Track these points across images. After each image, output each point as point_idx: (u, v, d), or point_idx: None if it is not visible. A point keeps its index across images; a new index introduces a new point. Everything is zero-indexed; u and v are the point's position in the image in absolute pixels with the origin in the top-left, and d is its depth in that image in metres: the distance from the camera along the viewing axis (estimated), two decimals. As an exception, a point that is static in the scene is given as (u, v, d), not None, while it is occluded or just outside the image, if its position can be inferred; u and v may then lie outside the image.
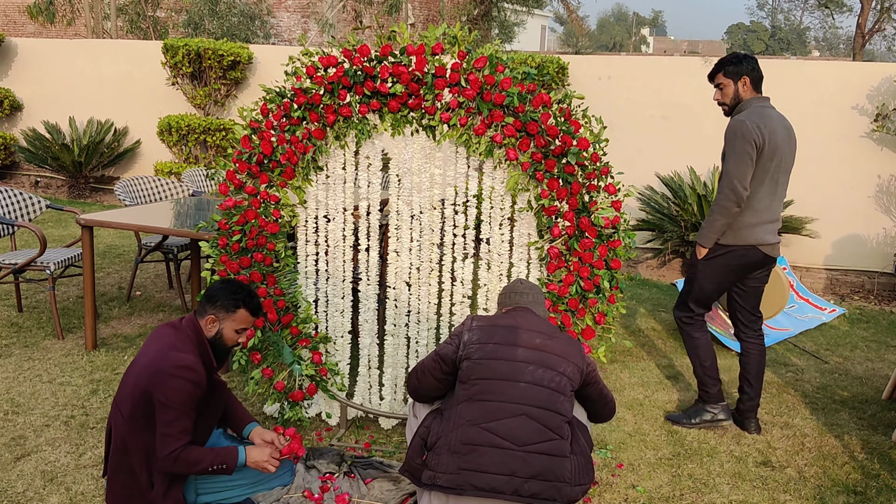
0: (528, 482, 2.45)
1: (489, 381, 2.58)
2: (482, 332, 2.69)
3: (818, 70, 6.98)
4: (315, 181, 3.51)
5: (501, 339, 2.66)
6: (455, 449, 2.51)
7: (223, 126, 8.66)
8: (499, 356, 2.61)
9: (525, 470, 2.46)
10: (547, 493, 2.46)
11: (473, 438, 2.51)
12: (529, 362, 2.61)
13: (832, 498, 3.21)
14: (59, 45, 10.00)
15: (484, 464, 2.47)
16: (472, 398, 2.58)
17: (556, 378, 2.61)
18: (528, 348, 2.63)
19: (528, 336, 2.67)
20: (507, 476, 2.46)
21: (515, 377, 2.58)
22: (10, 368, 4.15)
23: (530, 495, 2.45)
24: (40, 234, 4.48)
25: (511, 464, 2.46)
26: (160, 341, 2.73)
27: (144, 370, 2.64)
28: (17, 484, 3.03)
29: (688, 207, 6.85)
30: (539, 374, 2.59)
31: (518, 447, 2.48)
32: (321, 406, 3.68)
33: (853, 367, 4.82)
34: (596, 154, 3.23)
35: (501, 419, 2.52)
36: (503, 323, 2.72)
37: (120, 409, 2.70)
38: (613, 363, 4.72)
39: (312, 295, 3.64)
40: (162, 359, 2.63)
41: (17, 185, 10.11)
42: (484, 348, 2.64)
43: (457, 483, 2.47)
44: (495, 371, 2.59)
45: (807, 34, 57.47)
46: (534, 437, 2.50)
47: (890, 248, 6.80)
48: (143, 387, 2.62)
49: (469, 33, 3.26)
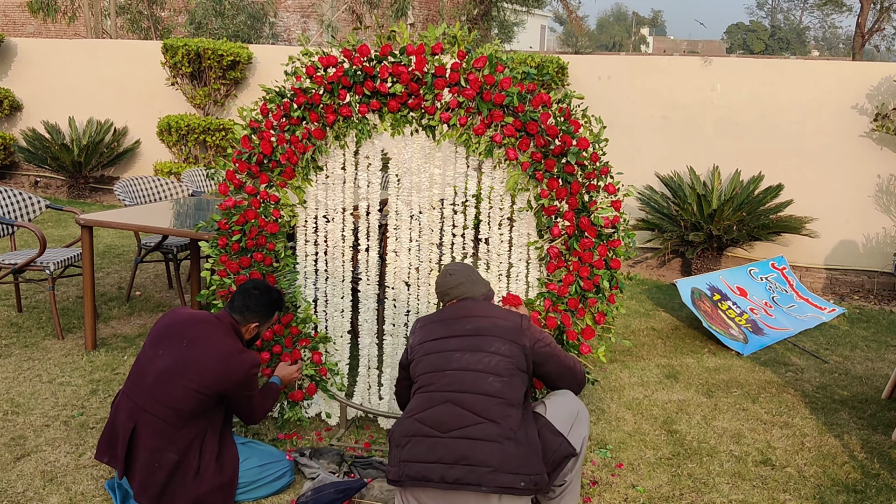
0: (452, 468, 2.46)
1: (424, 376, 2.69)
2: (422, 333, 2.83)
3: (818, 70, 6.98)
4: (315, 181, 3.51)
5: (437, 333, 2.78)
6: (398, 443, 2.60)
7: (223, 126, 8.66)
8: (433, 350, 2.73)
9: (449, 456, 2.48)
10: (468, 477, 2.43)
11: (408, 430, 2.59)
12: (459, 349, 2.68)
13: (832, 497, 3.21)
14: (58, 44, 10.00)
15: (415, 453, 2.52)
16: (416, 393, 2.70)
17: (486, 359, 2.62)
18: (459, 336, 2.72)
19: (459, 324, 2.76)
20: (434, 463, 2.48)
21: (443, 366, 2.66)
22: (10, 368, 4.15)
23: (454, 481, 2.44)
24: (40, 234, 4.48)
25: (437, 451, 2.49)
26: (219, 342, 2.86)
27: (218, 375, 2.78)
28: (17, 484, 3.03)
29: (687, 207, 6.85)
30: (466, 359, 2.64)
31: (442, 434, 2.52)
32: (321, 406, 3.68)
33: (853, 367, 4.82)
34: (595, 154, 3.23)
35: (430, 408, 2.59)
36: (440, 318, 2.84)
37: (173, 407, 2.73)
38: (613, 363, 4.72)
39: (312, 295, 3.64)
40: (237, 364, 2.83)
41: (16, 185, 10.11)
42: (423, 346, 2.77)
43: (398, 475, 2.53)
44: (428, 365, 2.70)
45: (806, 34, 57.49)
46: (457, 422, 2.52)
47: (890, 248, 6.80)
48: (221, 388, 2.80)
49: (469, 33, 3.26)
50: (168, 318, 2.95)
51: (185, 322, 2.89)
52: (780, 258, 6.57)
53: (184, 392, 2.73)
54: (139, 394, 2.77)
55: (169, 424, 2.73)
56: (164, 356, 2.80)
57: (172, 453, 2.72)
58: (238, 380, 2.82)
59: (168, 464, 2.72)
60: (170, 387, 2.74)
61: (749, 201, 6.80)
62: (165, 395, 2.73)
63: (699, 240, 6.66)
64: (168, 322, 2.92)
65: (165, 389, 2.74)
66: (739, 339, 5.12)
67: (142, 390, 2.77)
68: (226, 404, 2.92)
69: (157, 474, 2.72)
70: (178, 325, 2.89)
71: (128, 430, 2.75)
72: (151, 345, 2.87)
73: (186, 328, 2.87)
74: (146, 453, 2.73)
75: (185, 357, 2.78)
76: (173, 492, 2.74)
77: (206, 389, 2.75)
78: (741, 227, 6.66)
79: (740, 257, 7.17)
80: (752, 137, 7.12)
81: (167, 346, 2.83)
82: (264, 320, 3.06)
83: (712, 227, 6.62)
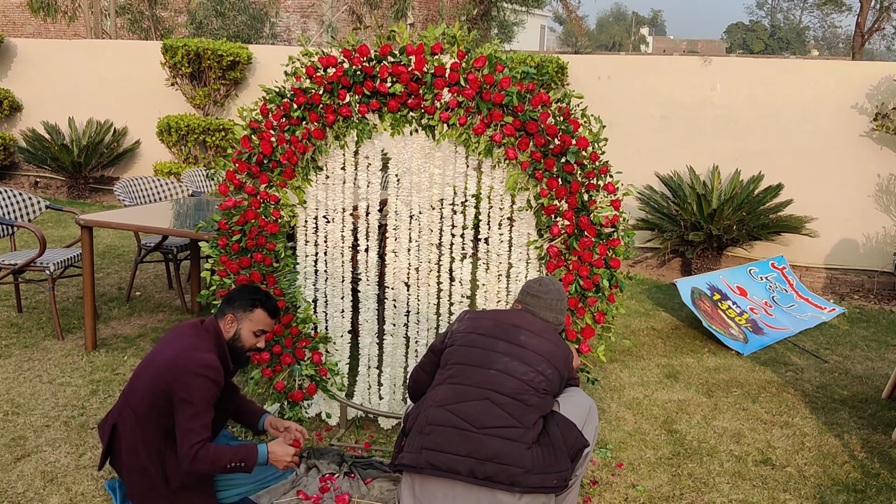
0: (483, 464, 2.45)
1: (461, 367, 2.64)
2: (470, 322, 2.77)
3: (818, 69, 6.98)
4: (315, 181, 3.51)
5: (486, 330, 2.72)
6: (421, 429, 2.56)
7: (223, 126, 8.66)
8: (477, 344, 2.68)
9: (481, 452, 2.47)
10: (501, 476, 2.44)
11: (436, 419, 2.55)
12: (506, 354, 2.65)
13: (832, 497, 3.21)
14: (58, 45, 10.00)
15: (442, 443, 2.50)
16: (444, 381, 2.65)
17: (530, 373, 2.62)
18: (509, 342, 2.68)
19: (514, 332, 2.72)
20: (464, 457, 2.47)
21: (487, 364, 2.62)
22: (10, 369, 4.15)
23: (485, 477, 2.44)
24: (40, 234, 4.48)
25: (468, 445, 2.48)
26: (180, 340, 2.72)
27: (165, 369, 2.63)
28: (17, 484, 3.03)
29: (687, 207, 6.85)
30: (512, 366, 2.62)
31: (476, 429, 2.50)
32: (321, 406, 3.68)
33: (853, 367, 4.82)
34: (595, 153, 3.23)
35: (465, 401, 2.56)
36: (496, 317, 2.78)
37: (133, 408, 2.69)
38: (613, 363, 4.72)
39: (312, 295, 3.64)
40: (185, 358, 2.62)
41: (16, 186, 10.11)
42: (467, 336, 2.72)
43: (417, 461, 2.50)
44: (469, 357, 2.65)
45: (806, 33, 57.52)
46: (493, 421, 2.52)
47: (890, 248, 6.80)
48: (164, 385, 2.61)
49: (468, 33, 3.26)
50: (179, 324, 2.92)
51: (176, 327, 2.87)
52: (779, 258, 6.57)
53: (140, 390, 2.67)
54: (124, 393, 2.79)
55: (136, 426, 2.69)
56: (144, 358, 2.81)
57: (141, 457, 2.68)
58: (181, 374, 2.58)
59: (138, 467, 2.69)
60: (135, 387, 2.72)
61: (749, 201, 6.80)
62: (131, 397, 2.72)
63: (699, 239, 6.66)
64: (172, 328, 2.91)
65: (131, 390, 2.73)
66: (739, 338, 5.12)
67: (125, 390, 2.78)
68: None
69: (133, 476, 2.71)
70: (170, 330, 2.87)
71: (109, 425, 2.77)
72: None
73: (171, 331, 2.84)
74: (124, 454, 2.73)
75: (152, 357, 2.75)
76: (149, 494, 2.71)
77: (154, 386, 2.62)
78: (741, 226, 6.66)
79: (740, 257, 7.17)
80: (752, 137, 7.12)
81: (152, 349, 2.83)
82: (240, 313, 2.83)
83: (712, 226, 6.62)
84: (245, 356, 2.89)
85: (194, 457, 2.55)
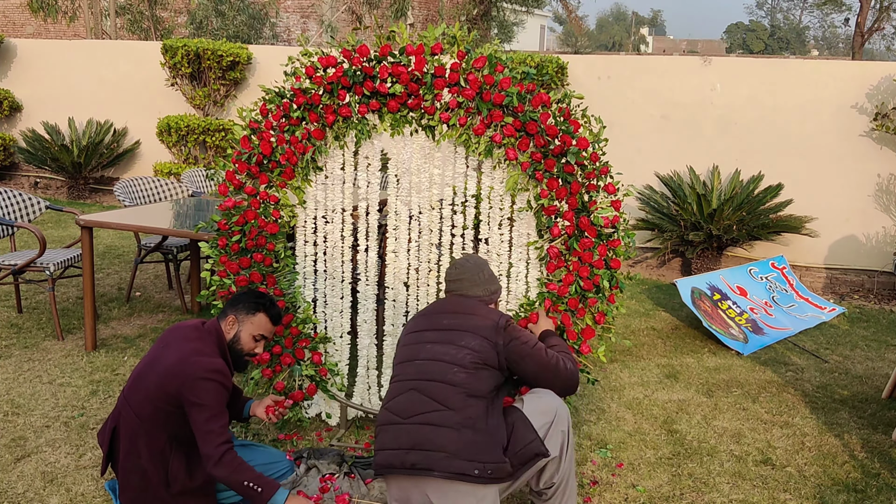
0: (409, 453, 2.46)
1: (399, 366, 2.74)
2: (409, 326, 2.87)
3: (817, 69, 6.98)
4: (314, 181, 3.51)
5: (417, 326, 2.82)
6: (375, 434, 2.64)
7: (222, 126, 8.66)
8: (409, 342, 2.77)
9: (407, 441, 2.49)
10: (424, 462, 2.42)
11: (380, 420, 2.64)
12: (431, 341, 2.71)
13: (832, 497, 3.21)
14: (58, 45, 10.00)
15: (385, 441, 2.56)
16: (391, 381, 2.74)
17: (453, 351, 2.63)
18: (435, 330, 2.75)
19: (437, 318, 2.79)
20: (395, 450, 2.50)
21: (414, 356, 2.70)
22: (10, 369, 4.15)
23: (410, 466, 2.44)
24: (40, 234, 4.48)
25: (400, 438, 2.52)
26: (184, 344, 2.70)
27: (172, 373, 2.61)
28: (17, 485, 3.03)
29: (687, 207, 6.85)
30: (436, 350, 2.66)
31: (404, 420, 2.55)
32: (321, 406, 3.68)
33: (853, 366, 4.82)
34: (595, 153, 3.23)
35: (396, 397, 2.63)
36: (425, 312, 2.88)
37: (135, 410, 2.68)
38: (613, 363, 4.72)
39: (311, 295, 3.64)
40: (192, 363, 2.60)
41: (16, 186, 10.11)
42: (405, 338, 2.82)
43: (375, 465, 2.56)
44: (402, 355, 2.75)
45: (806, 33, 57.52)
46: (417, 408, 2.54)
47: (889, 247, 6.80)
48: (171, 389, 2.60)
49: (468, 33, 3.26)
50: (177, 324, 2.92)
51: (177, 328, 2.85)
52: (779, 258, 6.57)
53: (144, 393, 2.66)
54: (124, 395, 2.78)
55: (137, 428, 2.68)
56: (144, 358, 2.80)
57: (144, 461, 2.67)
58: (187, 379, 2.56)
59: (138, 469, 2.69)
60: (136, 390, 2.70)
61: (749, 201, 6.80)
62: (133, 399, 2.71)
63: (699, 239, 6.66)
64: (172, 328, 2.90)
65: (133, 392, 2.72)
66: (739, 338, 5.12)
67: (124, 391, 2.78)
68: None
69: (130, 477, 2.71)
70: (170, 331, 2.86)
71: (109, 428, 2.77)
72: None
73: (172, 332, 2.82)
74: (122, 455, 2.72)
75: (153, 358, 2.73)
76: (145, 497, 2.70)
77: (160, 390, 2.61)
78: (741, 226, 6.66)
79: (740, 257, 7.17)
80: (752, 137, 7.12)
81: (151, 349, 2.82)
82: (243, 315, 2.83)
83: (712, 226, 6.62)
84: (243, 360, 2.88)
85: (220, 459, 2.51)
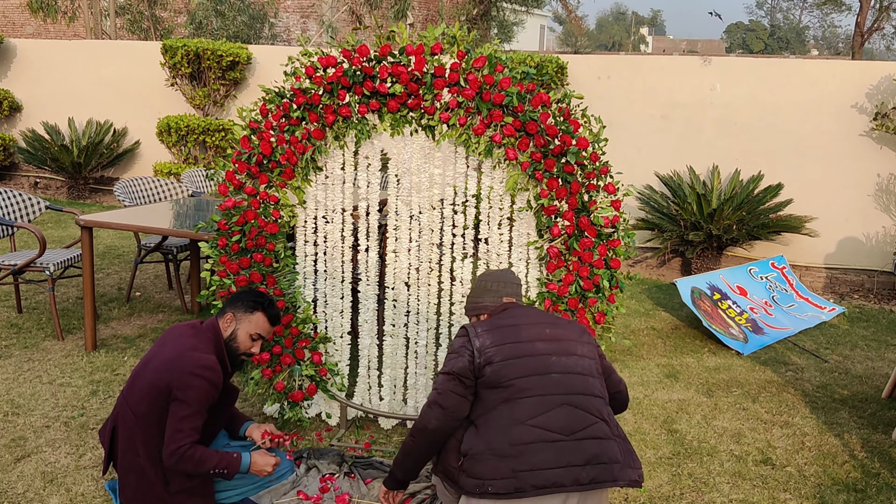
0: (584, 469, 2.42)
1: (523, 379, 2.53)
2: (492, 336, 2.63)
3: (817, 69, 6.98)
4: (314, 181, 3.51)
5: (515, 337, 2.63)
6: (504, 453, 2.44)
7: (222, 126, 8.65)
8: (521, 353, 2.57)
9: (579, 458, 2.43)
10: (603, 475, 2.42)
11: (522, 438, 2.45)
12: (551, 353, 2.58)
13: (832, 496, 3.21)
14: (58, 45, 9.99)
15: (539, 461, 2.42)
16: (508, 399, 2.53)
17: (581, 361, 2.60)
18: (543, 340, 2.62)
19: (535, 329, 2.65)
20: (564, 468, 2.42)
21: (546, 370, 2.56)
22: (10, 369, 4.14)
23: (590, 481, 2.41)
24: (40, 235, 4.48)
25: (565, 455, 2.43)
26: (180, 340, 2.72)
27: (164, 368, 2.64)
28: (17, 485, 3.03)
29: (687, 207, 6.85)
30: (565, 363, 2.58)
31: (567, 437, 2.45)
32: (321, 406, 3.68)
33: (853, 366, 4.82)
34: (595, 153, 3.23)
35: (545, 413, 2.48)
36: (508, 322, 2.69)
37: (132, 408, 2.69)
38: (613, 363, 4.72)
39: (311, 295, 3.64)
40: (184, 357, 2.64)
41: (16, 186, 10.11)
42: (503, 350, 2.59)
43: (514, 487, 2.41)
44: (525, 368, 2.55)
45: (806, 33, 57.54)
46: (579, 423, 2.48)
47: (889, 247, 6.80)
48: (163, 384, 2.62)
49: (468, 33, 3.26)
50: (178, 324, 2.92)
51: (175, 327, 2.86)
52: (779, 257, 6.57)
53: (139, 390, 2.67)
54: (123, 394, 2.78)
55: (134, 426, 2.69)
56: (143, 358, 2.80)
57: (143, 459, 2.68)
58: (180, 374, 2.60)
59: (136, 468, 2.69)
60: (134, 386, 2.72)
61: (749, 201, 6.80)
62: (130, 397, 2.72)
63: (699, 239, 6.66)
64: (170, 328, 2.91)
65: (131, 389, 2.73)
66: (739, 338, 5.12)
67: (124, 390, 2.78)
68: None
69: (128, 476, 2.71)
70: (169, 330, 2.87)
71: (109, 428, 2.77)
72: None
73: (171, 332, 2.83)
74: (121, 454, 2.73)
75: (150, 357, 2.75)
76: (143, 495, 2.70)
77: (153, 386, 2.63)
78: (741, 226, 6.66)
79: (740, 256, 7.17)
80: (752, 137, 7.12)
81: (150, 349, 2.83)
82: (241, 313, 2.84)
83: (712, 226, 6.62)
84: (239, 358, 2.87)
85: (180, 457, 2.57)
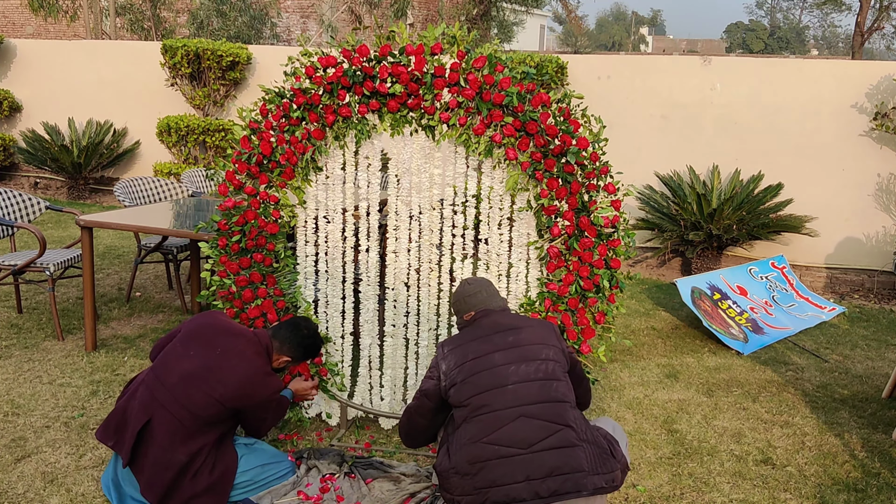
0: (544, 481, 2.40)
1: (478, 396, 2.56)
2: (455, 356, 2.69)
3: (817, 69, 6.98)
4: (314, 181, 3.51)
5: (475, 352, 2.66)
6: (464, 471, 2.48)
7: (222, 127, 8.66)
8: (479, 369, 2.61)
9: (539, 471, 2.41)
10: (565, 487, 2.40)
11: (479, 455, 2.47)
12: (510, 363, 2.60)
13: (832, 496, 3.21)
14: (58, 46, 9.99)
15: (496, 477, 2.43)
16: (468, 418, 2.56)
17: (542, 366, 2.59)
18: (503, 350, 2.63)
19: (498, 338, 2.67)
20: (523, 482, 2.41)
21: (500, 383, 2.56)
22: (10, 370, 4.14)
23: (550, 494, 2.39)
24: (40, 235, 4.48)
25: (524, 469, 2.42)
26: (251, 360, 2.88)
27: (239, 386, 2.80)
28: (17, 485, 3.03)
29: (687, 207, 6.85)
30: (523, 371, 2.57)
31: (525, 450, 2.44)
32: (321, 406, 3.68)
33: (853, 366, 4.82)
34: (595, 153, 3.23)
35: (501, 428, 2.49)
36: (471, 337, 2.73)
37: (189, 409, 2.74)
38: (613, 363, 4.72)
39: (312, 295, 3.64)
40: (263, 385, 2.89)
41: (16, 187, 10.11)
42: (463, 369, 2.64)
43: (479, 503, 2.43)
44: (481, 385, 2.57)
45: (806, 33, 57.54)
46: (538, 434, 2.46)
47: (890, 247, 6.80)
48: (238, 405, 2.82)
49: (468, 33, 3.26)
50: (205, 319, 2.95)
51: (222, 329, 2.91)
52: (780, 257, 6.57)
53: (205, 399, 2.76)
54: (160, 389, 2.78)
55: (183, 426, 2.74)
56: (194, 358, 2.82)
57: (182, 455, 2.73)
58: (259, 401, 2.87)
59: (176, 464, 2.72)
60: (192, 390, 2.76)
61: (749, 200, 6.80)
62: (186, 398, 2.75)
63: (699, 239, 6.66)
64: (204, 324, 2.92)
65: (187, 392, 2.76)
66: (739, 338, 5.12)
67: (164, 387, 2.78)
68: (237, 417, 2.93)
69: (164, 473, 2.72)
70: (213, 331, 2.90)
71: (140, 421, 2.77)
72: (183, 342, 2.88)
73: (221, 336, 2.89)
74: (157, 450, 2.73)
75: (213, 365, 2.80)
76: (174, 492, 2.75)
77: (227, 402, 2.78)
78: (741, 226, 6.66)
79: (740, 256, 7.17)
80: (752, 137, 7.11)
81: (198, 348, 2.84)
82: (297, 360, 3.08)
83: (712, 226, 6.62)
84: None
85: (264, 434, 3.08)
